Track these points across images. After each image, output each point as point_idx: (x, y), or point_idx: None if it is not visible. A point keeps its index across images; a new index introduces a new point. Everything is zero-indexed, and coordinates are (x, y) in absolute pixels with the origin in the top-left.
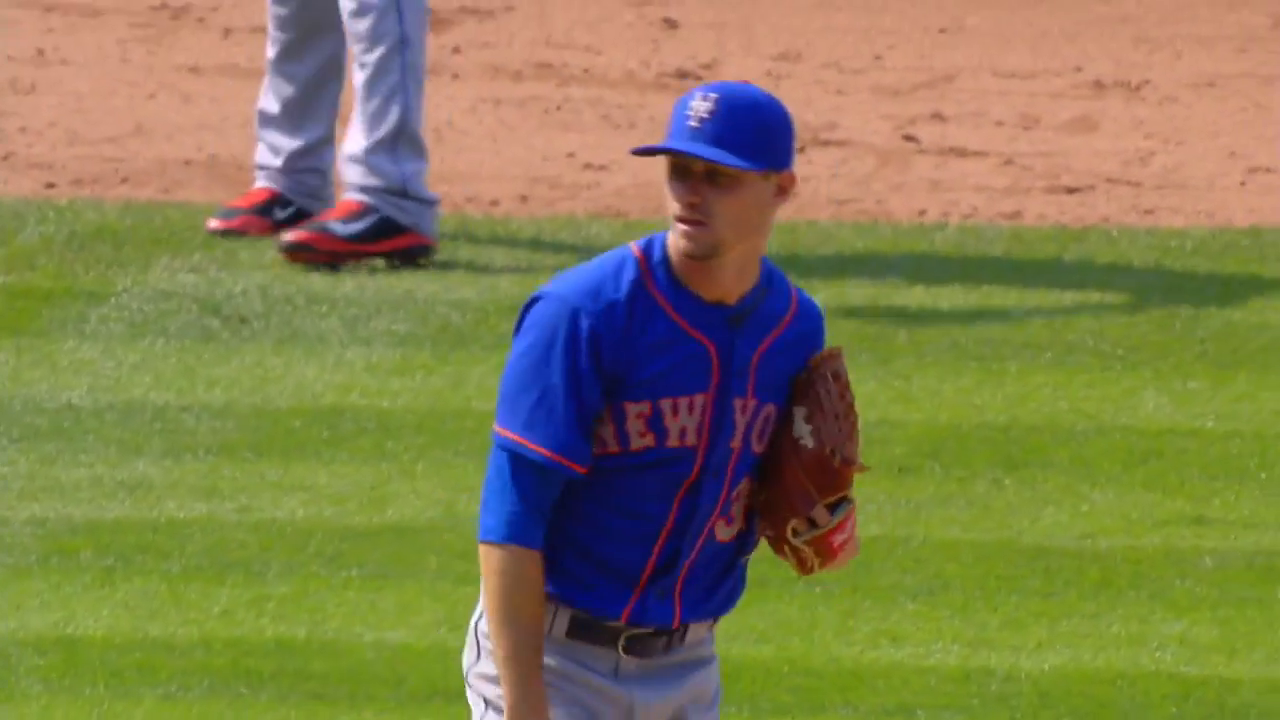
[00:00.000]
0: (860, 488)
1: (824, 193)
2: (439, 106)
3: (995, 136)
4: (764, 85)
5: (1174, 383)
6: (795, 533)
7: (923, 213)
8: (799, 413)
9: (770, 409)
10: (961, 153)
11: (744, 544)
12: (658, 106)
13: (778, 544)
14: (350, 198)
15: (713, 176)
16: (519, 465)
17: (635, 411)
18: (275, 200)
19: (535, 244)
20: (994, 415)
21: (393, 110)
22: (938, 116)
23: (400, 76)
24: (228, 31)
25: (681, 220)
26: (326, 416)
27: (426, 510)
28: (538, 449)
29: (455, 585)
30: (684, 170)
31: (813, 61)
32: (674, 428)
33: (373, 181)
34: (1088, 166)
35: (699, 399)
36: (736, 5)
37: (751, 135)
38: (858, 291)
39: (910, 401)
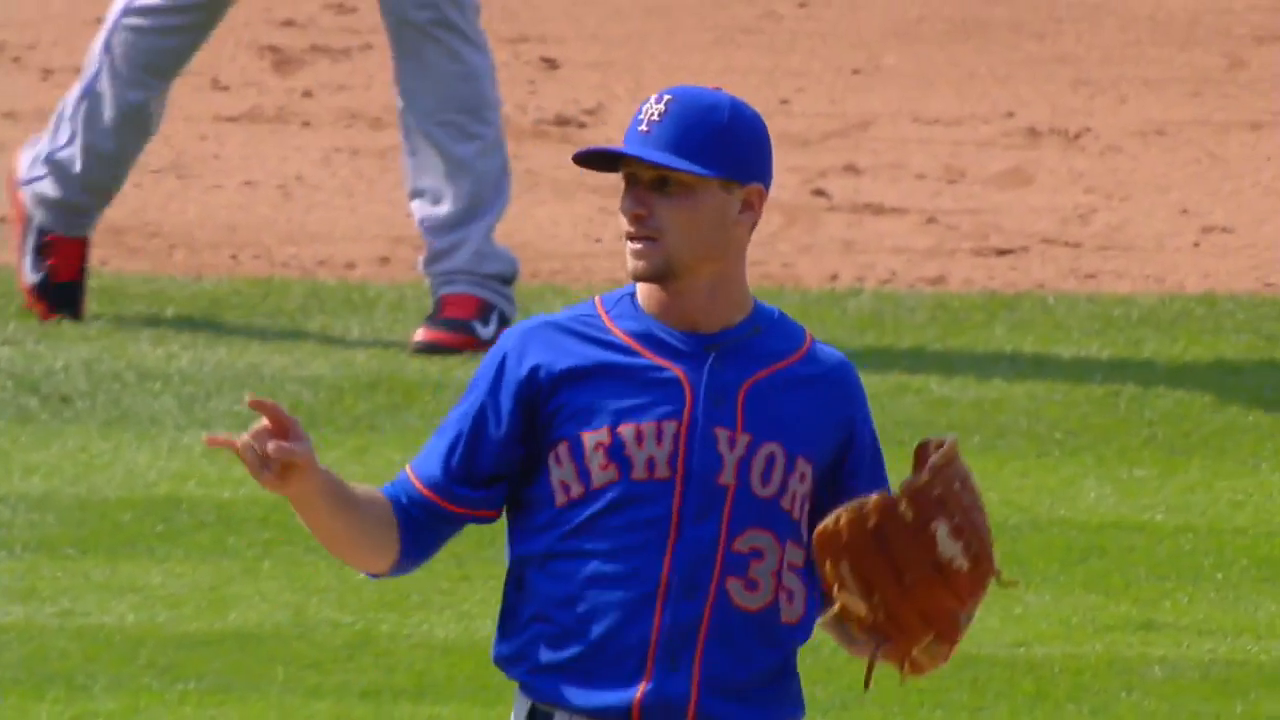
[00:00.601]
0: None
1: None
2: (286, 159)
3: (916, 191)
4: None
5: (1119, 471)
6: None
7: (834, 277)
8: (941, 528)
9: (774, 449)
10: (878, 210)
11: (783, 625)
12: (537, 157)
13: (897, 656)
14: (471, 293)
15: (663, 186)
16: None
17: (594, 441)
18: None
19: (397, 312)
20: None
21: (505, 188)
22: (851, 169)
23: (505, 150)
24: (48, 73)
25: (629, 237)
26: (160, 508)
27: (273, 615)
28: (413, 478)
29: (306, 699)
30: (633, 180)
31: None
32: (639, 458)
33: (491, 268)
34: (1020, 225)
35: (669, 426)
36: (624, 42)
37: (706, 138)
38: None
39: None
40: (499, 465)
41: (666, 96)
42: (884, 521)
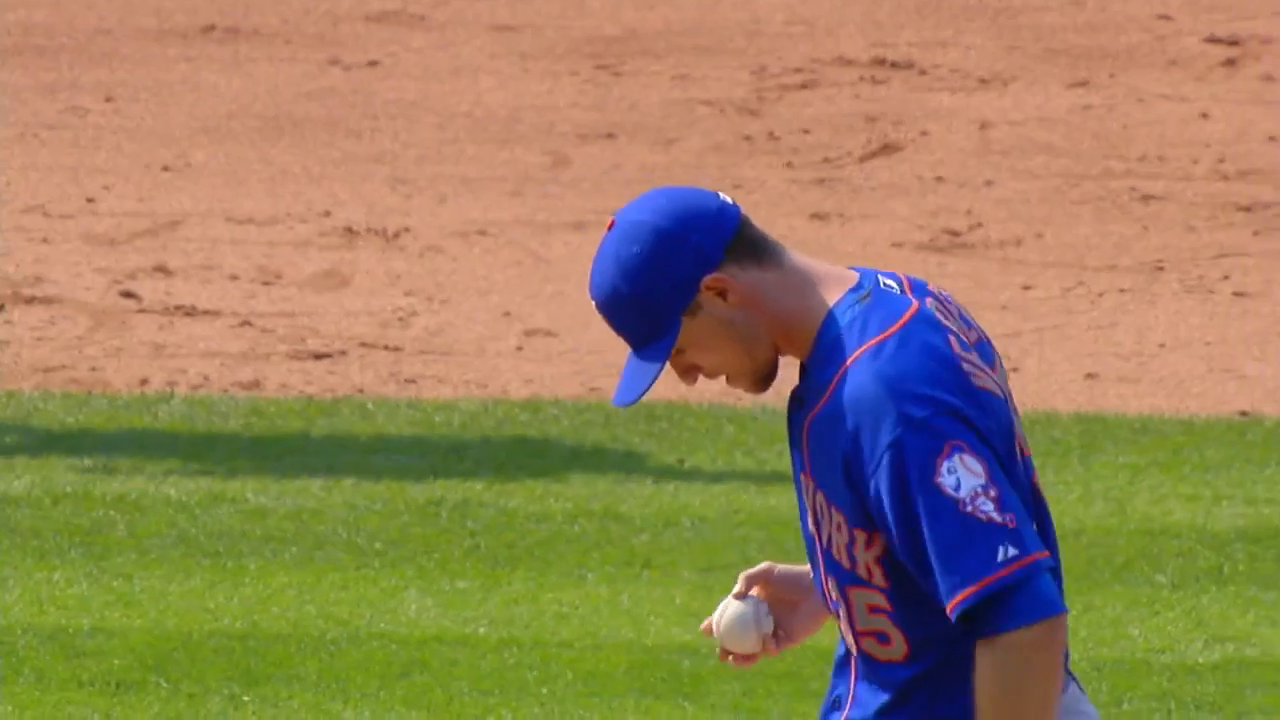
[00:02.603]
0: (71, 706)
1: (27, 359)
2: None
3: (229, 293)
4: None
5: (440, 582)
6: None
7: (145, 382)
8: None
9: (822, 498)
10: (190, 312)
11: (884, 664)
12: None
13: None
14: None
15: (679, 353)
16: None
17: None
18: None
19: None
20: (230, 621)
21: None
22: (161, 270)
23: None
24: None
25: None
26: None
27: None
28: None
29: None
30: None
31: (13, 205)
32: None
33: None
34: (338, 328)
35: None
36: None
37: (630, 320)
38: (68, 476)
39: (131, 605)
40: None
41: (592, 302)
42: None
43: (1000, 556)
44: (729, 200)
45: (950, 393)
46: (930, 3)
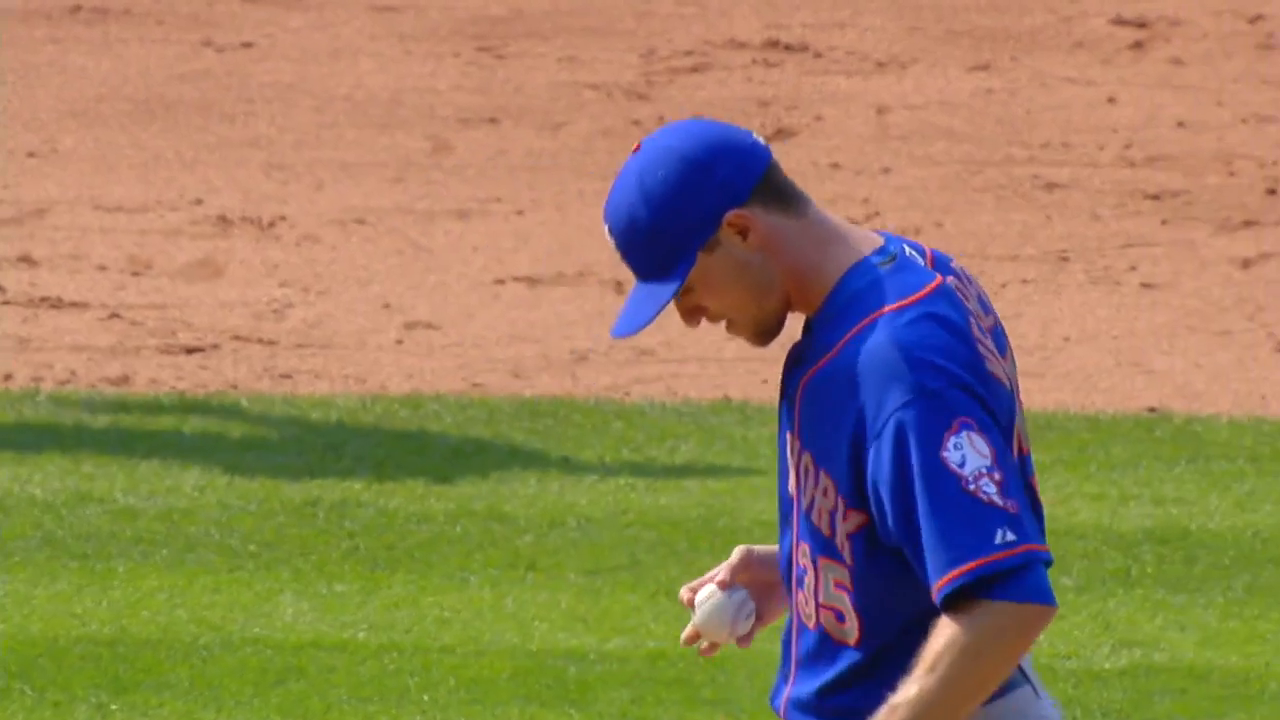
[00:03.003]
0: None
1: None
2: None
3: (98, 284)
4: None
5: (318, 585)
6: None
7: (8, 378)
8: None
9: (808, 457)
10: (56, 304)
11: (837, 645)
12: None
13: None
14: None
15: (687, 290)
16: None
17: None
18: None
19: None
20: (98, 626)
21: None
22: (26, 260)
23: None
24: None
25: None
26: None
27: None
28: None
29: None
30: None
31: None
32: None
33: None
34: (211, 321)
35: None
36: None
37: (649, 248)
38: None
39: None
40: None
41: (606, 225)
42: None
43: (998, 539)
44: (761, 140)
45: (965, 369)
46: None
